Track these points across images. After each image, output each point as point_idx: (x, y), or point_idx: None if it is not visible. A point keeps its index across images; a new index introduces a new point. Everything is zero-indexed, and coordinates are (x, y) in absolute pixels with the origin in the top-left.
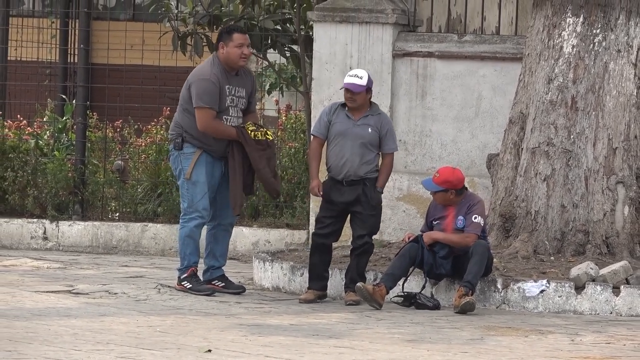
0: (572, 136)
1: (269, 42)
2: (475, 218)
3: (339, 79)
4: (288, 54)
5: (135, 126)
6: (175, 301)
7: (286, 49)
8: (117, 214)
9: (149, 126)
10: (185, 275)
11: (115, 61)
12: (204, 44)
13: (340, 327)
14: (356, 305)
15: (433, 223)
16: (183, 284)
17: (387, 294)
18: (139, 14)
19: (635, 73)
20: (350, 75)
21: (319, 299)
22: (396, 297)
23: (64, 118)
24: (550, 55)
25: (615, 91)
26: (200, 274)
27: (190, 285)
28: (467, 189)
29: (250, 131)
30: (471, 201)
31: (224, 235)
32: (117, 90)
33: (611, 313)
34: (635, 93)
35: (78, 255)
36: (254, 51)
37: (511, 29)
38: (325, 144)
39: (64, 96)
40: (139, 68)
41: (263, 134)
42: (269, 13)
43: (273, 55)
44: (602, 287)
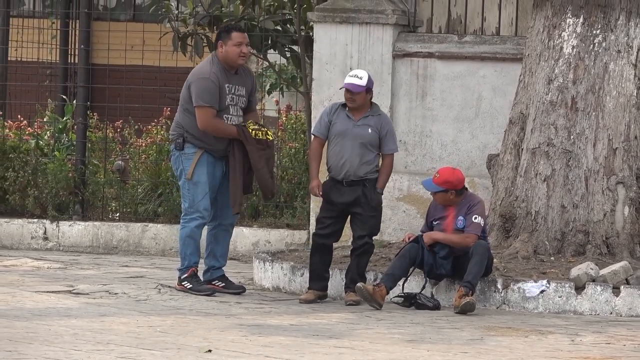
0: (572, 137)
1: (269, 43)
2: (476, 218)
3: (339, 79)
4: (288, 55)
5: (136, 126)
6: (175, 301)
7: (286, 49)
8: (118, 214)
9: (149, 126)
10: (185, 275)
11: (115, 62)
12: (204, 45)
13: (341, 328)
14: (356, 305)
15: (433, 223)
16: (183, 284)
17: (387, 294)
18: (140, 15)
19: (635, 74)
20: (350, 75)
21: (319, 299)
22: (396, 298)
23: (65, 118)
24: (550, 56)
25: (615, 92)
26: (200, 274)
27: (191, 286)
28: (467, 190)
29: (251, 130)
30: (471, 201)
31: (225, 236)
32: (118, 90)
33: (611, 313)
34: (635, 93)
35: (78, 256)
36: (254, 51)
37: (511, 30)
38: (325, 144)
39: (64, 96)
40: (139, 68)
41: (264, 133)
42: (269, 14)
43: (273, 56)
44: (602, 288)
